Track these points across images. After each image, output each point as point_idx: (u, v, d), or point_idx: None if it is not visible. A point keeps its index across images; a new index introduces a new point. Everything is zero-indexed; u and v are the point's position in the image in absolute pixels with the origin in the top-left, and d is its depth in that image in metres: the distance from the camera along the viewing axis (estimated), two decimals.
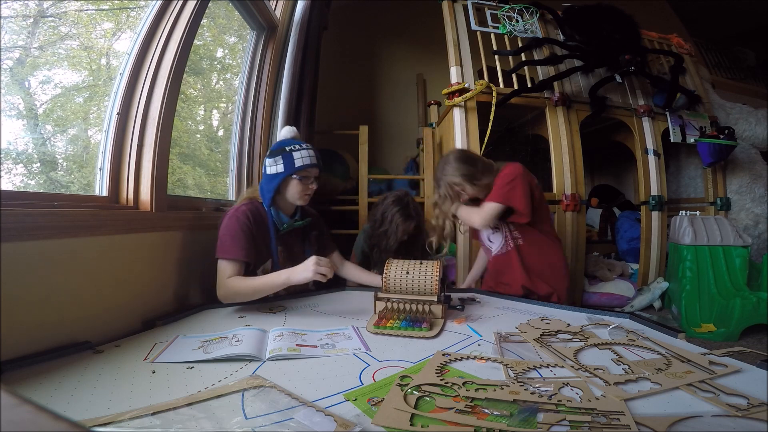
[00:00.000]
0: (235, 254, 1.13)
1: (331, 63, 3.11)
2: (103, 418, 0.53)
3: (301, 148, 1.26)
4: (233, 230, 1.16)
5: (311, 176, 1.28)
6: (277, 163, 1.24)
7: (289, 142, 1.28)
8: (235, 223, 1.17)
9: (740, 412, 0.54)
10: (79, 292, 0.86)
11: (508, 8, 2.47)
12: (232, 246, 1.14)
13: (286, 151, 1.24)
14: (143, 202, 1.16)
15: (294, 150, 1.25)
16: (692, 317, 2.05)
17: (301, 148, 1.26)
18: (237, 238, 1.15)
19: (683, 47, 2.90)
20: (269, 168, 1.26)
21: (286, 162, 1.23)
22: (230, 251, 1.14)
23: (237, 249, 1.14)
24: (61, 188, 1.16)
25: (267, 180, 1.26)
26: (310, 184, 1.29)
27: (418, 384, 0.63)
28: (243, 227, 1.17)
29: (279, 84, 2.13)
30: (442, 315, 1.02)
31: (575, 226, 2.24)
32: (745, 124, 2.81)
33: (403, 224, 1.72)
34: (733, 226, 2.28)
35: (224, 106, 2.13)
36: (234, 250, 1.14)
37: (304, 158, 1.24)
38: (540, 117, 2.46)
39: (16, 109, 1.07)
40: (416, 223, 1.77)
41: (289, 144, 1.27)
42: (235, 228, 1.16)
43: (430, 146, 2.68)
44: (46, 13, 1.12)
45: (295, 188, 1.26)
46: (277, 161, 1.24)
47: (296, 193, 1.27)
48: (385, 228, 1.74)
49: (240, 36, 2.13)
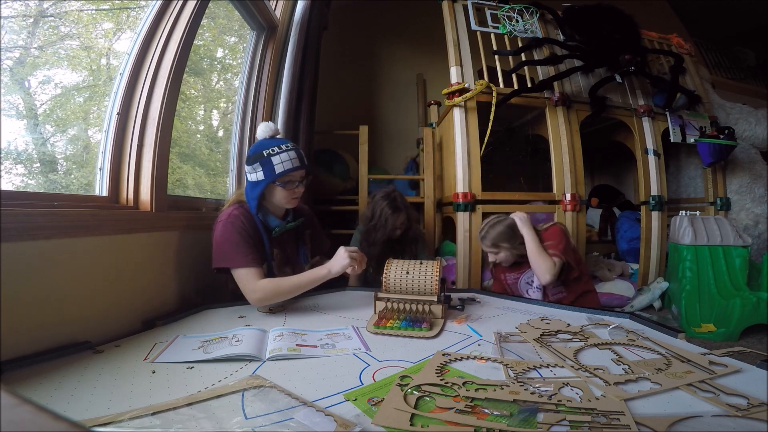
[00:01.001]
0: (250, 261, 1.10)
1: (331, 63, 3.10)
2: (103, 418, 0.53)
3: (280, 150, 1.15)
4: (232, 237, 1.12)
5: (296, 180, 1.19)
6: (256, 170, 1.15)
7: (267, 143, 1.17)
8: (232, 230, 1.13)
9: (740, 412, 0.54)
10: (79, 292, 0.86)
11: (508, 8, 2.47)
12: (241, 252, 1.10)
13: (264, 156, 1.14)
14: (143, 202, 1.16)
15: (273, 154, 1.14)
16: (692, 317, 2.05)
17: (280, 151, 1.15)
18: (241, 244, 1.11)
19: (683, 47, 2.90)
20: (249, 175, 1.18)
21: (266, 169, 1.14)
22: (243, 259, 1.09)
23: (247, 254, 1.10)
24: (61, 188, 1.16)
25: (250, 187, 1.19)
26: (296, 188, 1.20)
27: (418, 384, 0.63)
28: (241, 231, 1.13)
29: (279, 84, 2.13)
30: (442, 315, 1.02)
31: (575, 226, 2.24)
32: (745, 124, 2.81)
33: (391, 216, 1.80)
34: (733, 226, 2.28)
35: (224, 106, 2.13)
36: (245, 256, 1.10)
37: (284, 162, 1.14)
38: (540, 117, 2.46)
39: (16, 109, 1.07)
40: (405, 216, 1.84)
41: (268, 146, 1.16)
42: (233, 234, 1.12)
43: (430, 146, 2.68)
44: (46, 13, 1.12)
45: (280, 194, 1.19)
46: (255, 168, 1.15)
47: (282, 199, 1.20)
48: (374, 222, 1.83)
49: (240, 36, 2.13)
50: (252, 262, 1.10)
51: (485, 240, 1.61)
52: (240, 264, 1.09)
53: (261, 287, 1.07)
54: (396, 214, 1.81)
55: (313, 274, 1.11)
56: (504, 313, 1.10)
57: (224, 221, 1.15)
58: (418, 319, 0.97)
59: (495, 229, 1.58)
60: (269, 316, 1.08)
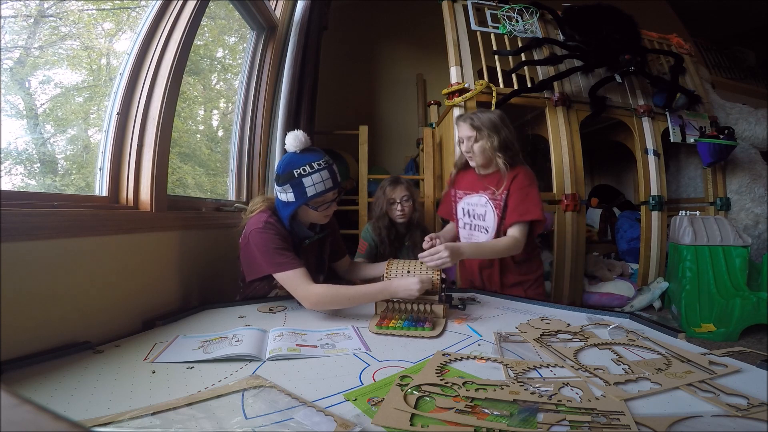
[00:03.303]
0: (297, 263, 1.06)
1: (331, 63, 3.11)
2: (103, 418, 0.53)
3: (312, 170, 1.08)
4: (274, 242, 1.07)
5: (328, 201, 1.15)
6: (286, 191, 1.10)
7: (297, 161, 1.10)
8: (272, 235, 1.08)
9: (740, 412, 0.54)
10: (79, 292, 0.86)
11: (508, 8, 2.48)
12: (286, 257, 1.06)
13: (295, 177, 1.08)
14: (143, 202, 1.16)
15: (304, 175, 1.08)
16: (692, 317, 2.05)
17: (312, 171, 1.08)
18: (282, 248, 1.07)
19: (683, 47, 2.91)
20: (279, 195, 1.14)
21: (297, 191, 1.09)
22: (292, 262, 1.05)
23: (293, 257, 1.07)
24: (62, 188, 1.16)
25: (281, 205, 1.15)
26: (328, 208, 1.17)
27: (418, 384, 0.63)
28: (282, 236, 1.10)
29: (279, 84, 2.13)
30: (443, 314, 1.02)
31: (575, 226, 2.24)
32: (745, 124, 2.81)
33: (388, 187, 1.77)
34: (733, 226, 2.28)
35: (224, 106, 2.13)
36: (294, 259, 1.07)
37: (317, 185, 1.09)
38: (540, 117, 2.46)
39: (16, 109, 1.07)
40: (407, 191, 1.78)
41: (298, 165, 1.09)
42: (275, 239, 1.08)
43: (430, 146, 2.68)
44: (46, 13, 1.12)
45: (313, 214, 1.16)
46: (286, 189, 1.10)
47: (314, 218, 1.18)
48: (375, 200, 1.82)
49: (240, 36, 2.13)
50: (300, 264, 1.06)
51: (467, 119, 1.38)
52: (289, 267, 1.05)
53: (316, 292, 1.03)
54: (394, 185, 1.76)
55: (373, 291, 1.03)
56: (504, 313, 1.10)
57: (262, 228, 1.09)
58: (420, 319, 0.97)
59: (485, 114, 1.38)
60: (269, 316, 1.08)
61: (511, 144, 1.37)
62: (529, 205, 1.32)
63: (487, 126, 1.34)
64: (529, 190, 1.35)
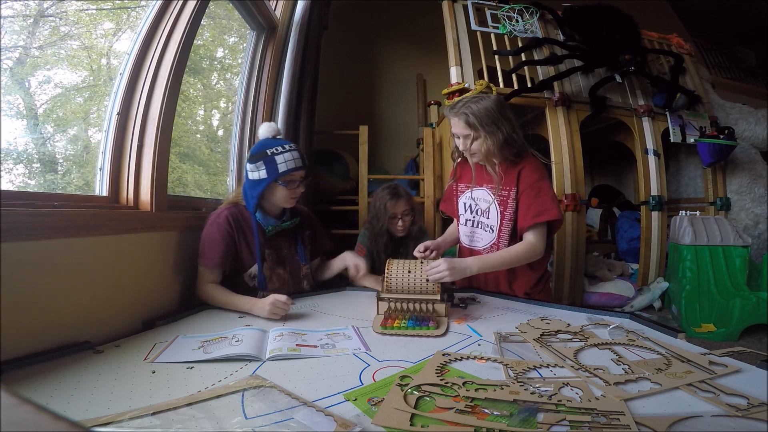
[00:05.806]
0: (212, 262, 1.17)
1: (331, 63, 3.10)
2: (103, 418, 0.53)
3: (284, 150, 1.19)
4: (212, 237, 1.18)
5: (297, 179, 1.23)
6: (258, 168, 1.18)
7: (270, 143, 1.21)
8: (215, 231, 1.18)
9: (740, 412, 0.54)
10: (79, 291, 0.86)
11: (508, 8, 2.48)
12: (209, 253, 1.17)
13: (268, 155, 1.18)
14: (143, 202, 1.16)
15: (276, 153, 1.18)
16: (692, 317, 2.05)
17: (284, 150, 1.19)
18: (215, 246, 1.17)
19: (683, 47, 2.91)
20: (251, 173, 1.21)
21: (269, 167, 1.17)
22: (208, 258, 1.17)
23: (214, 257, 1.17)
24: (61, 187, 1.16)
25: (250, 186, 1.22)
26: (296, 188, 1.23)
27: (418, 384, 0.63)
28: (223, 234, 1.18)
29: (279, 84, 2.13)
30: (445, 313, 1.02)
31: (575, 226, 2.24)
32: (745, 124, 2.81)
33: (389, 201, 1.70)
34: (733, 226, 2.28)
35: (224, 106, 2.13)
36: (211, 257, 1.17)
37: (288, 162, 1.18)
38: (540, 117, 2.46)
39: (16, 109, 1.07)
40: (408, 205, 1.73)
41: (271, 146, 1.20)
42: (215, 235, 1.18)
43: (430, 146, 2.68)
44: (46, 12, 1.12)
45: (280, 193, 1.22)
46: (258, 167, 1.18)
47: (282, 198, 1.23)
48: (374, 213, 1.76)
49: (240, 36, 2.13)
50: (215, 264, 1.17)
51: (461, 114, 1.18)
52: (203, 262, 1.17)
53: (203, 290, 1.16)
54: (395, 199, 1.70)
55: (238, 302, 1.10)
56: (504, 313, 1.10)
57: (212, 221, 1.21)
58: (424, 318, 0.97)
59: (480, 104, 1.18)
60: None
61: (514, 136, 1.22)
62: (543, 203, 1.18)
63: (485, 122, 1.16)
64: (541, 185, 1.21)
